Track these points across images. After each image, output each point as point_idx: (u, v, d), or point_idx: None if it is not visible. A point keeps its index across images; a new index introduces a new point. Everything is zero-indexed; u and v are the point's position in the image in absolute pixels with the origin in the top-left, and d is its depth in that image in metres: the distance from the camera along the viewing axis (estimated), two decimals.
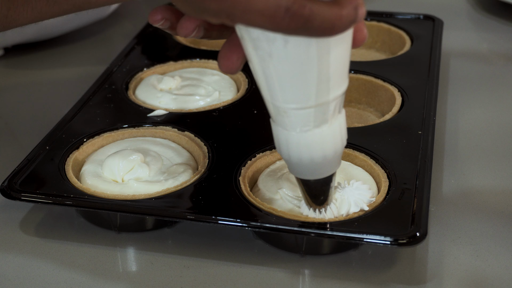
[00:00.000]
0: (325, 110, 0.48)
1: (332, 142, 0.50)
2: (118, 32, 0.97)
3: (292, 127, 0.49)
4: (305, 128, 0.49)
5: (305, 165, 0.51)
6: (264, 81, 0.47)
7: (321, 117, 0.48)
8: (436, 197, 0.64)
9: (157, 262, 0.58)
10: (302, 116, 0.48)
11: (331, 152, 0.50)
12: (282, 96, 0.47)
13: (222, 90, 0.75)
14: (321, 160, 0.50)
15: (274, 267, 0.57)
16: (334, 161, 0.51)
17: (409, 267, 0.57)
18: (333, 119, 0.49)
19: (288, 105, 0.48)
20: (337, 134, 0.50)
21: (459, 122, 0.76)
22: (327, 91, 0.47)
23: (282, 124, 0.49)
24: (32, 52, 0.92)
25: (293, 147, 0.50)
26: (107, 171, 0.62)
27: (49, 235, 0.61)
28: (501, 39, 0.95)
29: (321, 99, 0.47)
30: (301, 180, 0.53)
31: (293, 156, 0.51)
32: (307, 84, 0.46)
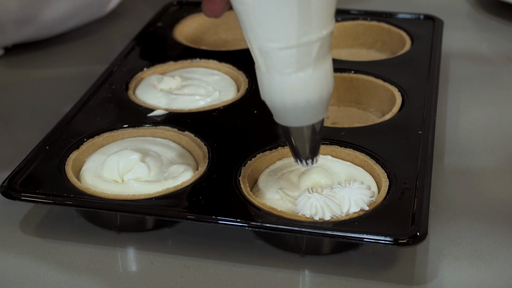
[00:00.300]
0: (308, 52, 0.47)
1: (317, 87, 0.49)
2: (118, 32, 0.97)
3: (275, 69, 0.48)
4: (288, 70, 0.47)
5: (289, 110, 0.50)
6: (246, 19, 0.46)
7: (305, 59, 0.47)
8: (436, 197, 0.64)
9: (157, 262, 0.58)
10: (285, 56, 0.47)
11: (316, 97, 0.49)
12: (264, 34, 0.46)
13: (222, 90, 0.75)
14: (304, 104, 0.49)
15: (274, 267, 0.57)
16: (319, 107, 0.50)
17: (409, 267, 0.57)
18: (318, 63, 0.48)
19: (270, 44, 0.46)
20: (323, 79, 0.49)
21: (459, 122, 0.76)
22: (309, 29, 0.46)
23: (265, 67, 0.48)
24: (32, 52, 0.92)
25: (276, 91, 0.49)
26: (107, 171, 0.62)
27: (49, 235, 0.61)
28: (501, 39, 0.95)
29: (304, 38, 0.46)
30: (286, 128, 0.52)
31: (276, 101, 0.50)
32: (288, 20, 0.45)
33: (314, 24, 0.46)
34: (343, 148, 0.64)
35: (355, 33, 0.88)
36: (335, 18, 0.87)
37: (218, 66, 0.80)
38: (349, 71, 0.76)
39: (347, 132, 0.66)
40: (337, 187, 0.57)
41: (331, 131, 0.66)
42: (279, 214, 0.56)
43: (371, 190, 0.57)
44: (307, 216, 0.55)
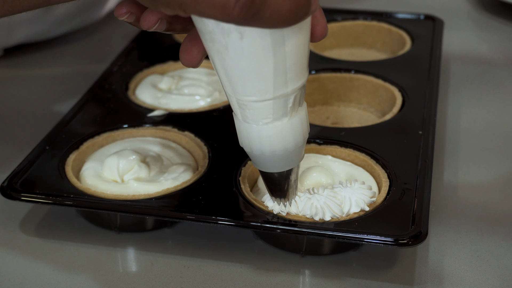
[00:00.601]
0: (284, 103, 0.48)
1: (293, 135, 0.50)
2: (118, 32, 0.97)
3: (253, 119, 0.49)
4: (265, 120, 0.49)
5: (267, 158, 0.51)
6: (223, 74, 0.48)
7: (281, 110, 0.49)
8: (436, 197, 0.64)
9: (157, 262, 0.58)
10: (262, 108, 0.48)
11: (292, 145, 0.51)
12: (241, 89, 0.48)
13: (222, 90, 0.75)
14: (282, 152, 0.51)
15: (274, 268, 0.57)
16: (296, 154, 0.52)
17: (410, 267, 0.57)
18: (293, 112, 0.49)
19: (248, 98, 0.48)
20: (298, 127, 0.50)
21: (459, 122, 0.76)
22: (285, 83, 0.47)
23: (243, 117, 0.50)
24: (31, 52, 0.92)
25: (254, 140, 0.51)
26: (107, 171, 0.62)
27: (49, 235, 0.61)
28: (502, 39, 0.94)
29: (279, 91, 0.47)
30: (264, 173, 0.54)
31: (254, 149, 0.51)
32: (264, 76, 0.46)
33: (289, 78, 0.47)
34: (343, 148, 0.64)
35: (355, 33, 0.88)
36: (336, 17, 0.88)
37: None
38: (349, 71, 0.76)
39: (348, 132, 0.66)
40: (338, 187, 0.57)
41: (332, 131, 0.66)
42: (279, 214, 0.56)
43: (372, 191, 0.57)
44: (308, 216, 0.55)
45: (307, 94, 0.75)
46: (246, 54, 0.45)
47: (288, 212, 0.56)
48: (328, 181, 0.58)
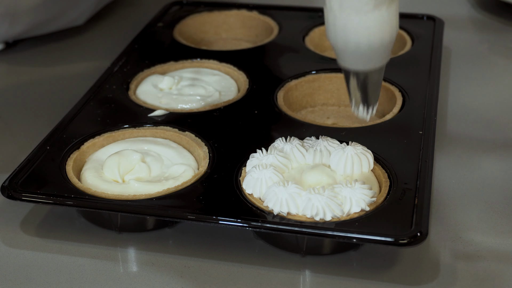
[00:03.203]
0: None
1: (390, 26, 0.50)
2: (119, 32, 0.97)
3: (353, 7, 0.49)
4: (366, 7, 0.48)
5: (362, 52, 0.50)
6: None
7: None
8: (437, 197, 0.64)
9: (158, 262, 0.58)
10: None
11: (388, 37, 0.50)
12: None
13: (223, 90, 0.75)
14: (378, 45, 0.50)
15: (274, 267, 0.57)
16: (389, 48, 0.51)
17: (410, 267, 0.57)
18: (391, 0, 0.49)
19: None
20: (394, 17, 0.50)
21: (460, 122, 0.76)
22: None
23: (341, 5, 0.49)
24: (32, 51, 0.92)
25: (351, 31, 0.50)
26: (108, 171, 0.62)
27: (49, 235, 0.61)
28: (502, 39, 0.94)
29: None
30: (353, 76, 0.53)
31: (350, 42, 0.50)
32: None
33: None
34: None
35: None
36: None
37: (219, 66, 0.80)
38: None
39: (348, 132, 0.66)
40: (339, 187, 0.57)
41: (332, 131, 0.66)
42: (279, 214, 0.56)
43: (372, 191, 0.57)
44: (308, 216, 0.55)
45: (307, 94, 0.76)
46: None
47: (289, 212, 0.56)
48: (329, 181, 0.58)
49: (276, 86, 0.74)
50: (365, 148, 0.61)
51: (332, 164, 0.60)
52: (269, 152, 0.61)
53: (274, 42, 0.85)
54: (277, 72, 0.79)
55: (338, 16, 0.49)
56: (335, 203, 0.55)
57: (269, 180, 0.58)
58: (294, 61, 0.80)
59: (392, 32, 0.50)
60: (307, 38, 0.85)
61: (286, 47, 0.84)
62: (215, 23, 0.92)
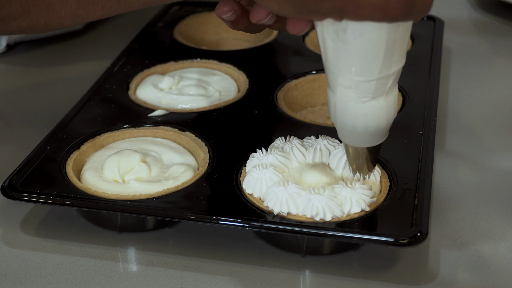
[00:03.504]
0: (385, 83, 0.51)
1: (386, 113, 0.53)
2: (119, 32, 0.97)
3: (352, 97, 0.51)
4: (365, 99, 0.51)
5: (359, 133, 0.53)
6: (339, 55, 0.49)
7: (381, 89, 0.51)
8: (437, 197, 0.64)
9: (158, 262, 0.58)
10: (364, 88, 0.51)
11: (384, 123, 0.53)
12: (353, 69, 0.50)
13: (223, 90, 0.75)
14: (374, 129, 0.53)
15: (274, 267, 0.57)
16: (385, 131, 0.54)
17: (410, 267, 0.57)
18: (389, 92, 0.52)
19: (355, 78, 0.50)
20: (391, 105, 0.53)
21: (460, 122, 0.76)
22: (390, 65, 0.50)
23: (342, 94, 0.52)
24: (32, 52, 0.92)
25: (349, 116, 0.52)
26: (108, 171, 0.62)
27: (50, 235, 0.61)
28: (502, 39, 0.95)
29: (384, 72, 0.50)
30: (351, 148, 0.56)
31: (348, 125, 0.53)
32: (375, 60, 0.49)
33: (394, 60, 0.50)
34: None
35: None
36: None
37: (219, 66, 0.80)
38: None
39: None
40: (339, 187, 0.57)
41: (332, 131, 0.66)
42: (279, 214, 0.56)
43: (372, 191, 0.57)
44: (308, 216, 0.55)
45: (307, 94, 0.76)
46: (364, 44, 0.48)
47: (289, 212, 0.56)
48: (329, 180, 0.58)
49: (276, 86, 0.74)
50: None
51: (332, 163, 0.60)
52: (269, 152, 0.61)
53: (274, 42, 0.85)
54: (277, 72, 0.79)
55: (339, 100, 0.52)
56: (335, 203, 0.55)
57: (269, 180, 0.58)
58: (294, 61, 0.80)
59: (389, 117, 0.53)
60: (307, 38, 0.85)
61: (286, 47, 0.84)
62: (215, 23, 0.92)
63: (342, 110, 0.52)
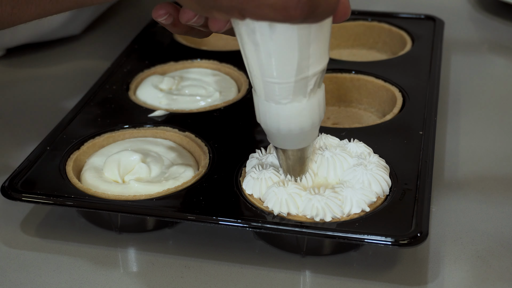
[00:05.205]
0: (304, 85, 0.50)
1: (310, 115, 0.52)
2: (119, 33, 0.97)
3: (274, 99, 0.51)
4: (285, 100, 0.51)
5: (283, 135, 0.53)
6: (253, 56, 0.50)
7: (301, 91, 0.51)
8: (437, 198, 0.64)
9: (158, 262, 0.58)
10: (283, 89, 0.50)
11: (309, 125, 0.53)
12: (267, 71, 0.50)
13: (223, 91, 0.75)
14: (298, 131, 0.53)
15: (275, 268, 0.57)
16: (311, 133, 0.54)
17: (410, 267, 0.57)
18: (312, 93, 0.51)
19: (272, 80, 0.50)
20: (315, 107, 0.52)
21: (460, 122, 0.76)
22: (307, 67, 0.49)
23: (263, 95, 0.52)
24: (32, 52, 0.92)
25: (272, 117, 0.52)
26: (108, 172, 0.62)
27: (50, 235, 0.61)
28: (502, 39, 0.95)
29: (301, 75, 0.50)
30: (279, 150, 0.55)
31: (271, 127, 0.53)
32: (289, 63, 0.49)
33: (311, 62, 0.49)
34: None
35: (355, 34, 0.88)
36: None
37: (219, 66, 0.80)
38: (350, 72, 0.76)
39: (348, 132, 0.66)
40: (339, 187, 0.57)
41: (332, 132, 0.66)
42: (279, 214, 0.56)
43: (373, 191, 0.57)
44: (308, 217, 0.55)
45: None
46: (275, 46, 0.48)
47: (289, 212, 0.56)
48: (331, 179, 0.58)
49: None
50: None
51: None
52: (269, 152, 0.61)
53: None
54: None
55: (261, 101, 0.52)
56: (335, 204, 0.55)
57: (268, 180, 0.58)
58: None
59: (314, 119, 0.53)
60: None
61: None
62: None
63: (264, 112, 0.53)
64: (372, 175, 0.57)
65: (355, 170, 0.58)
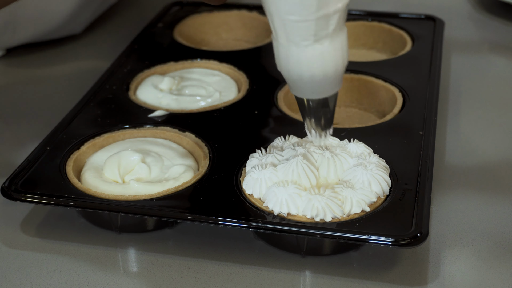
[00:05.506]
0: (325, 24, 0.48)
1: (333, 59, 0.50)
2: (119, 32, 0.97)
3: (294, 40, 0.49)
4: (306, 42, 0.49)
5: (305, 82, 0.51)
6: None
7: (322, 32, 0.48)
8: (437, 198, 0.64)
9: (158, 262, 0.58)
10: (303, 29, 0.48)
11: (332, 70, 0.50)
12: (284, 7, 0.48)
13: (223, 91, 0.75)
14: (321, 77, 0.50)
15: (275, 268, 0.57)
16: (335, 80, 0.51)
17: (410, 268, 0.57)
18: (334, 35, 0.49)
19: (289, 17, 0.48)
20: (338, 51, 0.50)
21: (460, 122, 0.76)
22: (326, 3, 0.47)
23: (283, 38, 0.50)
24: (32, 52, 0.92)
25: (293, 62, 0.50)
26: (108, 172, 0.62)
27: (50, 235, 0.61)
28: (502, 39, 0.95)
29: (321, 11, 0.47)
30: (300, 100, 0.53)
31: (293, 72, 0.51)
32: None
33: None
34: None
35: (355, 34, 0.88)
36: None
37: (219, 66, 0.80)
38: (349, 72, 0.76)
39: (348, 132, 0.66)
40: (339, 187, 0.57)
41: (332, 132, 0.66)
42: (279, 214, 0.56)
43: (373, 191, 0.57)
44: (308, 217, 0.55)
45: None
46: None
47: (289, 212, 0.56)
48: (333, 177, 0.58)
49: (276, 86, 0.74)
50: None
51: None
52: (269, 152, 0.61)
53: None
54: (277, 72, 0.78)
55: (281, 45, 0.50)
56: (335, 204, 0.55)
57: (268, 180, 0.58)
58: None
59: (337, 64, 0.50)
60: None
61: None
62: (215, 24, 0.92)
63: (285, 56, 0.50)
64: (372, 175, 0.57)
65: (355, 170, 0.58)
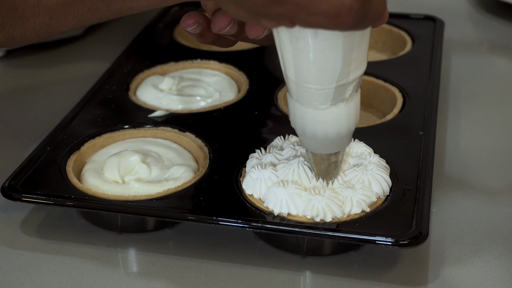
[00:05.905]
0: (343, 91, 0.50)
1: (347, 119, 0.52)
2: (119, 33, 0.97)
3: (311, 104, 0.51)
4: (323, 106, 0.51)
5: (319, 140, 0.53)
6: (293, 60, 0.49)
7: (340, 97, 0.50)
8: (437, 198, 0.64)
9: (158, 263, 0.58)
10: (322, 95, 0.50)
11: (345, 129, 0.53)
12: (306, 77, 0.49)
13: (223, 91, 0.75)
14: (334, 136, 0.52)
15: (275, 268, 0.57)
16: (346, 138, 0.54)
17: (411, 268, 0.57)
18: (349, 98, 0.51)
19: (311, 86, 0.49)
20: (352, 111, 0.52)
21: (460, 123, 0.76)
22: (348, 73, 0.49)
23: (300, 100, 0.51)
24: (33, 52, 0.92)
25: (308, 122, 0.52)
26: (108, 172, 0.62)
27: (50, 236, 0.61)
28: (502, 39, 0.95)
29: (342, 81, 0.49)
30: (312, 154, 0.55)
31: (307, 131, 0.52)
32: (331, 69, 0.48)
33: (352, 68, 0.49)
34: None
35: None
36: None
37: (219, 66, 0.80)
38: None
39: None
40: (339, 188, 0.57)
41: None
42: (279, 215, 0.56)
43: (373, 191, 0.57)
44: (308, 217, 0.55)
45: None
46: (319, 53, 0.47)
47: (289, 212, 0.56)
48: None
49: (276, 87, 0.74)
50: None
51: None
52: (268, 152, 0.61)
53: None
54: (277, 72, 0.79)
55: (298, 106, 0.52)
56: (335, 204, 0.55)
57: (268, 180, 0.58)
58: None
59: (350, 124, 0.53)
60: None
61: None
62: None
63: (301, 117, 0.52)
64: (372, 175, 0.57)
65: (355, 170, 0.58)
